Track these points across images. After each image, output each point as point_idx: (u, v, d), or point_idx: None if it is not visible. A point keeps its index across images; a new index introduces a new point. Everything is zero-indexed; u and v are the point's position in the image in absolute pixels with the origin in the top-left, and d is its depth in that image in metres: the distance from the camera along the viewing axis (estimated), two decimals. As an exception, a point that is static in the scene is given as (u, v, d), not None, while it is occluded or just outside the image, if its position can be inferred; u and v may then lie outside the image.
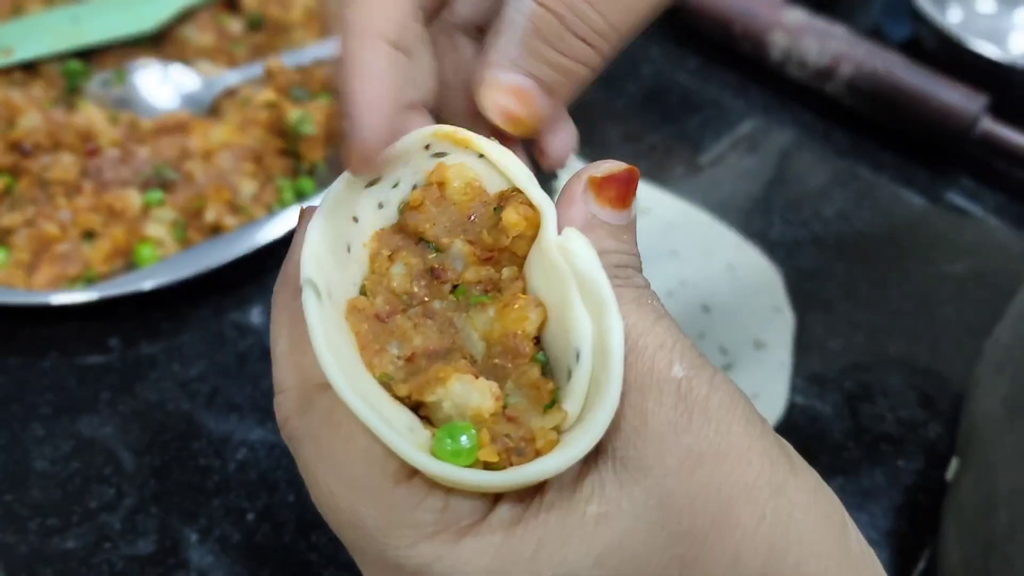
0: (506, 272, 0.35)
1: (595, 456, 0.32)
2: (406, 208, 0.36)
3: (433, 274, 0.35)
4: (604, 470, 0.31)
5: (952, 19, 0.92)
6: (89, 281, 0.68)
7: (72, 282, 0.68)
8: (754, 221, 0.78)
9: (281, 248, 0.70)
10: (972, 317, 0.72)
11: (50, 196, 0.70)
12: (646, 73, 0.89)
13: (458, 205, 0.36)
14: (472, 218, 0.35)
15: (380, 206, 0.36)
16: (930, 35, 0.85)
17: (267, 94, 0.77)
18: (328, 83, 0.79)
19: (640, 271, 0.36)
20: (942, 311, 0.73)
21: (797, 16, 0.84)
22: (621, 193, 0.35)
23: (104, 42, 0.79)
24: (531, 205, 0.35)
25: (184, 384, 0.66)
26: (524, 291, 0.34)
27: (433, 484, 0.31)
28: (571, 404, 0.32)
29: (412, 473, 0.31)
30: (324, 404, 0.32)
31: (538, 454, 0.31)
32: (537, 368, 0.33)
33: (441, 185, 0.36)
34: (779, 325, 0.70)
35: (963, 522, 0.55)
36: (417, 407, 0.33)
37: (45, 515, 0.60)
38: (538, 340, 0.34)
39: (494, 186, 0.36)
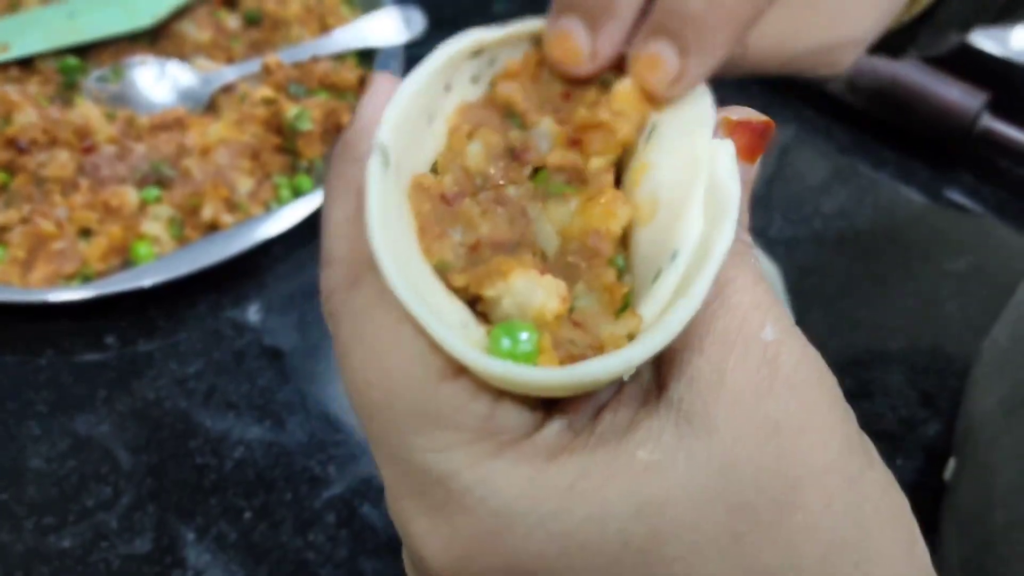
0: (595, 162, 0.32)
1: (656, 403, 0.29)
2: (499, 77, 0.33)
3: (513, 154, 0.32)
4: (665, 418, 0.29)
5: (953, 15, 0.91)
6: (86, 279, 0.68)
7: (68, 280, 0.67)
8: (754, 218, 0.77)
9: (279, 246, 0.71)
10: (973, 314, 0.72)
11: (46, 193, 0.70)
12: (645, 69, 0.89)
13: (554, 83, 0.33)
14: (567, 95, 0.33)
15: (474, 79, 0.33)
16: (931, 31, 0.84)
17: (264, 90, 0.76)
18: (325, 79, 0.79)
19: (747, 231, 0.33)
20: (943, 308, 0.72)
21: (797, 12, 0.84)
22: (751, 143, 0.33)
23: (101, 38, 0.79)
24: (642, 94, 0.32)
25: (181, 382, 0.66)
26: (612, 186, 0.31)
27: (480, 388, 0.28)
28: (649, 309, 0.29)
29: (459, 372, 0.28)
30: (374, 284, 0.29)
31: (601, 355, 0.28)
32: (613, 271, 0.30)
33: (539, 64, 0.33)
34: (779, 323, 0.70)
35: (961, 521, 0.55)
36: (474, 302, 0.30)
37: (41, 513, 0.60)
38: (622, 244, 0.32)
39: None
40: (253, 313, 0.70)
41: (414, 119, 0.31)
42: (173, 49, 0.80)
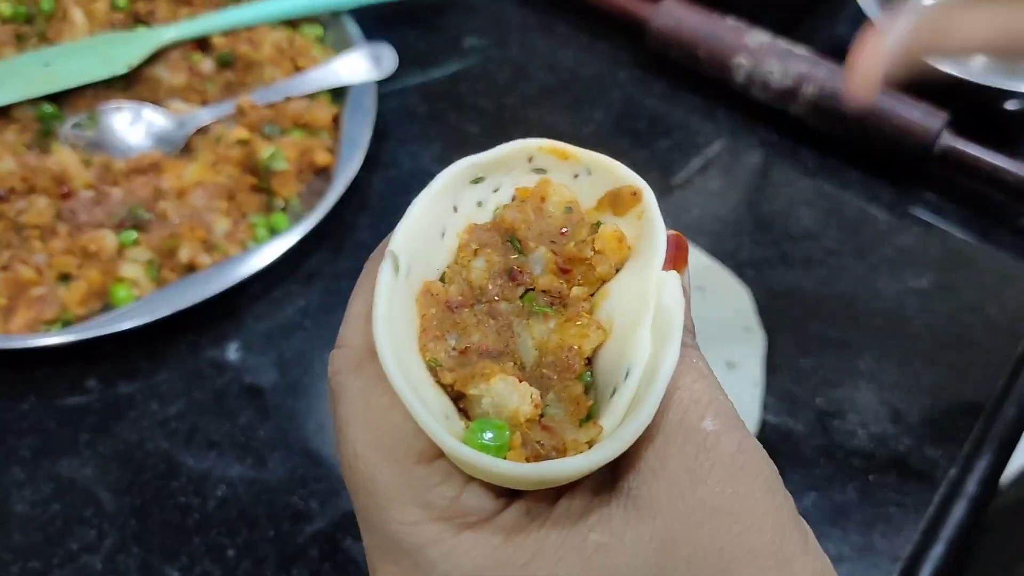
0: (576, 291, 0.36)
1: (609, 491, 0.32)
2: (507, 206, 0.38)
3: (511, 275, 0.36)
4: (615, 505, 0.32)
5: (913, 36, 0.93)
6: (66, 323, 0.68)
7: (49, 325, 0.68)
8: (724, 242, 0.79)
9: (256, 284, 0.72)
10: (939, 331, 0.73)
11: (25, 240, 0.71)
12: (614, 98, 0.90)
13: (553, 218, 0.37)
14: (563, 231, 0.37)
15: (479, 204, 0.38)
16: (891, 54, 0.86)
17: (239, 131, 0.78)
18: (299, 118, 0.80)
19: (692, 333, 0.37)
20: (910, 326, 0.74)
21: (760, 38, 0.86)
22: (673, 256, 0.36)
23: (76, 85, 0.80)
24: (621, 238, 0.37)
25: (162, 423, 0.67)
26: (589, 312, 0.36)
27: (452, 472, 0.32)
28: (608, 421, 0.33)
29: (435, 457, 0.32)
30: (374, 370, 0.33)
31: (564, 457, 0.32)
32: (581, 385, 0.34)
33: (542, 199, 0.38)
34: (750, 344, 0.71)
35: None
36: (458, 399, 0.34)
37: (27, 558, 0.61)
38: (587, 363, 0.35)
39: (589, 206, 0.38)
40: (232, 352, 0.71)
41: (426, 232, 0.36)
42: (148, 93, 0.81)
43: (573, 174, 0.38)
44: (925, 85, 0.82)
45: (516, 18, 0.96)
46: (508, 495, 0.33)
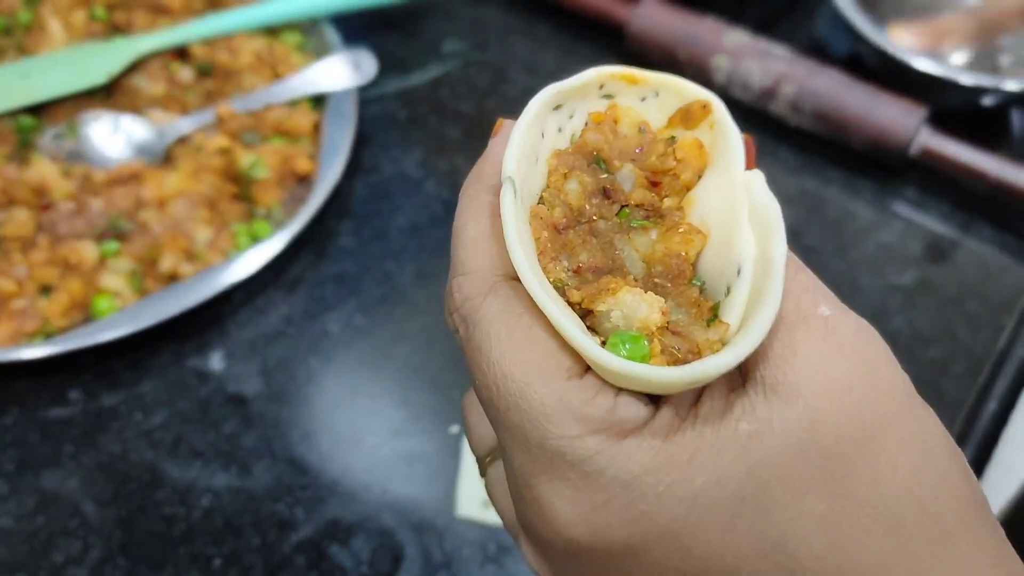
0: (667, 201, 0.37)
1: (743, 383, 0.34)
2: (585, 129, 0.39)
3: (605, 193, 0.37)
4: (754, 394, 0.33)
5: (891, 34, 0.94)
6: (48, 335, 0.68)
7: (31, 337, 0.68)
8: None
9: (239, 293, 0.71)
10: (922, 327, 0.74)
11: (5, 252, 0.71)
12: (595, 101, 0.90)
13: (628, 139, 0.39)
14: (639, 150, 0.38)
15: (559, 130, 0.39)
16: (869, 52, 0.86)
17: (219, 140, 0.77)
18: (279, 126, 0.80)
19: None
20: (892, 322, 0.74)
21: (738, 38, 0.86)
22: (749, 158, 0.38)
23: (55, 97, 0.80)
24: (700, 145, 0.38)
25: (146, 433, 0.67)
26: (684, 219, 0.37)
27: (602, 386, 0.33)
28: (731, 317, 0.34)
29: (584, 372, 0.33)
30: (508, 292, 0.35)
31: (709, 356, 0.33)
32: (696, 288, 0.35)
33: (615, 121, 0.39)
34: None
35: None
36: (583, 318, 0.35)
37: (12, 572, 0.60)
38: (693, 268, 0.36)
39: (659, 125, 0.40)
40: (216, 361, 0.71)
41: (526, 157, 0.37)
42: (127, 103, 0.81)
43: (640, 97, 0.39)
44: (901, 83, 0.82)
45: (495, 22, 0.96)
46: (654, 402, 0.34)
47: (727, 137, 0.37)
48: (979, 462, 0.66)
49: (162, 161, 0.78)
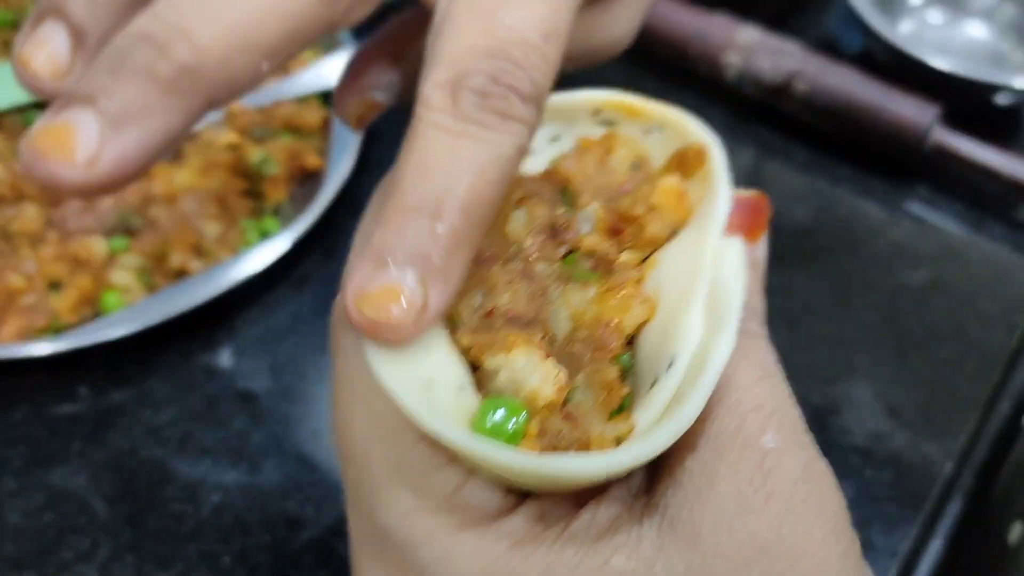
0: (625, 255, 0.32)
1: (642, 507, 0.28)
2: (565, 155, 0.34)
3: (553, 231, 0.32)
4: (647, 525, 0.27)
5: (903, 31, 0.93)
6: (56, 332, 0.68)
7: (39, 333, 0.68)
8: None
9: (247, 290, 0.71)
10: (934, 325, 0.73)
11: (14, 248, 0.70)
12: (605, 97, 0.90)
13: (616, 174, 0.33)
14: (624, 189, 0.33)
15: (532, 153, 0.34)
16: (880, 48, 0.86)
17: (228, 136, 0.77)
18: (289, 122, 0.80)
19: (761, 319, 0.32)
20: (904, 321, 0.74)
21: (750, 35, 0.86)
22: (747, 222, 0.32)
23: (64, 91, 0.79)
24: (681, 195, 0.32)
25: (155, 430, 0.66)
26: (637, 283, 0.31)
27: (456, 458, 0.28)
28: (642, 417, 0.28)
29: None
30: None
31: (582, 453, 0.28)
32: (616, 369, 0.29)
33: (607, 151, 0.34)
34: (745, 342, 0.71)
35: None
36: (474, 367, 0.30)
37: (20, 569, 0.60)
38: (630, 343, 0.31)
39: (659, 165, 0.34)
40: (225, 357, 0.71)
41: None
42: (136, 99, 0.81)
43: (645, 130, 0.34)
44: (914, 79, 0.82)
45: (505, 18, 0.96)
46: (521, 494, 0.28)
47: (713, 192, 0.32)
48: (993, 462, 0.66)
49: (171, 157, 0.78)
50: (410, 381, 0.27)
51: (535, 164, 0.35)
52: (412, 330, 0.27)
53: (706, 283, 0.29)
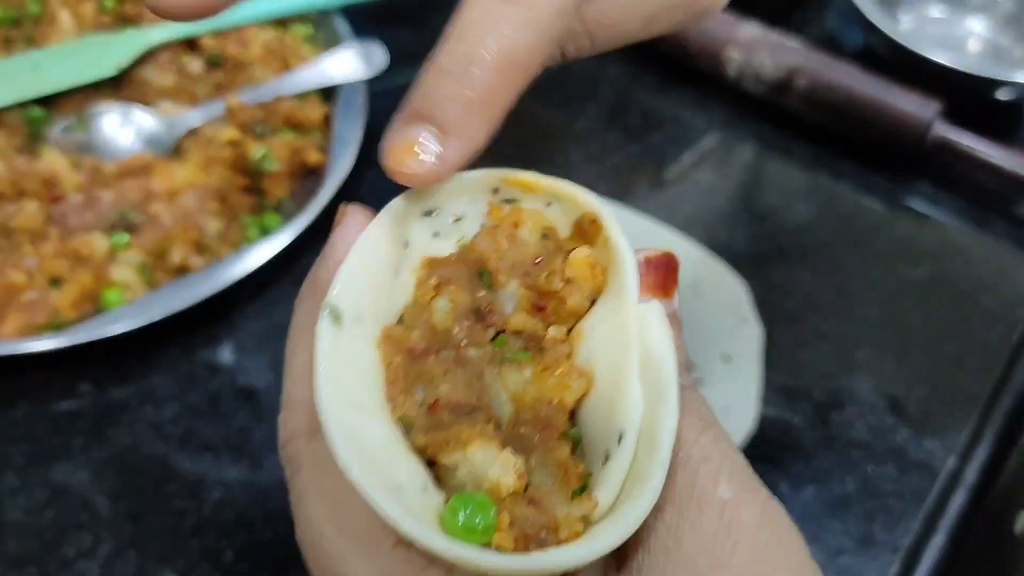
0: (552, 331, 0.32)
1: (615, 573, 0.29)
2: (478, 235, 0.34)
3: (478, 315, 0.32)
4: None
5: (904, 26, 0.93)
6: (57, 328, 0.68)
7: (41, 330, 0.68)
8: (718, 235, 0.78)
9: (248, 286, 0.71)
10: (936, 321, 0.73)
11: (15, 244, 0.70)
12: (605, 93, 0.90)
13: (528, 247, 0.33)
14: (538, 261, 0.33)
15: (436, 235, 0.35)
16: (881, 44, 0.86)
17: (229, 132, 0.77)
18: (290, 118, 0.80)
19: (686, 369, 0.32)
20: (906, 317, 0.74)
21: (751, 31, 0.86)
22: (659, 280, 0.32)
23: (65, 88, 0.79)
24: (594, 264, 0.32)
25: (157, 426, 0.66)
26: (569, 356, 0.32)
27: (434, 558, 0.28)
28: (604, 493, 0.29)
29: None
30: None
31: (560, 546, 0.28)
32: (567, 446, 0.30)
33: (515, 225, 0.34)
34: (747, 338, 0.71)
35: None
36: (430, 462, 0.30)
37: (22, 566, 0.60)
38: (572, 414, 0.31)
39: (566, 235, 0.34)
40: (226, 354, 0.70)
41: (376, 273, 0.32)
42: (137, 95, 0.81)
43: (546, 202, 0.34)
44: (915, 75, 0.82)
45: (506, 14, 0.95)
46: None
47: (619, 258, 0.32)
48: (996, 458, 0.66)
49: (172, 153, 0.78)
50: (383, 487, 0.27)
51: (444, 247, 0.35)
52: (426, 179, 0.31)
53: (636, 352, 0.30)
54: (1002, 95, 0.83)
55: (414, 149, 0.31)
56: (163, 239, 0.71)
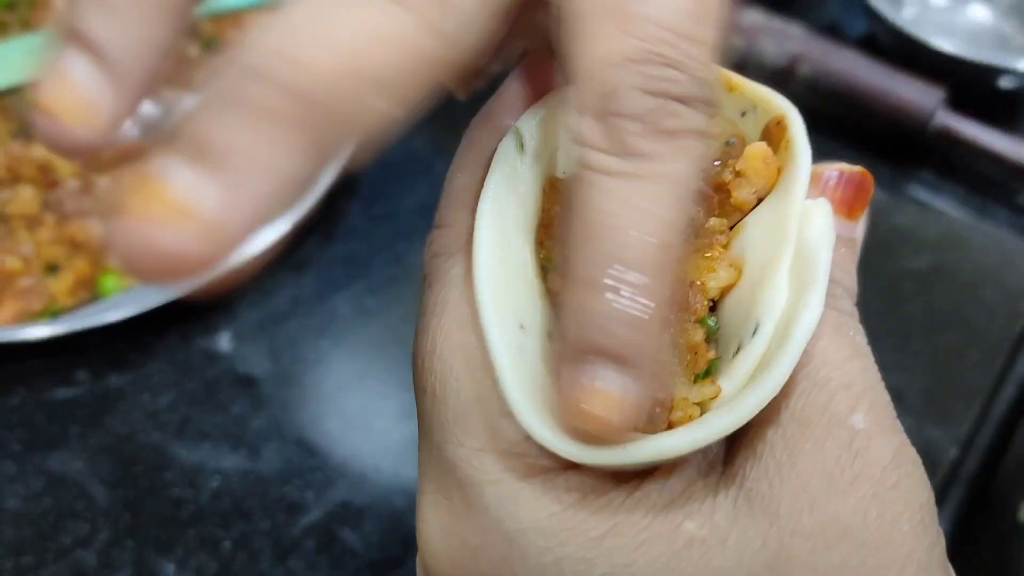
0: (713, 221, 0.31)
1: (718, 475, 0.27)
2: None
3: None
4: (723, 494, 0.26)
5: (907, 14, 0.92)
6: (54, 315, 0.67)
7: (37, 317, 0.67)
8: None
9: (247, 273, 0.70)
10: (937, 311, 0.73)
11: (11, 230, 0.70)
12: (607, 80, 0.89)
13: (712, 151, 0.32)
14: (716, 163, 0.32)
15: None
16: (884, 31, 0.85)
17: (227, 118, 0.76)
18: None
19: (852, 298, 0.30)
20: (908, 307, 0.73)
21: (753, 17, 0.85)
22: (849, 198, 0.30)
23: (60, 72, 0.79)
24: (767, 158, 0.31)
25: (154, 414, 0.66)
26: (725, 247, 0.30)
27: None
28: (728, 383, 0.27)
29: None
30: None
31: (670, 427, 0.26)
32: (702, 332, 0.28)
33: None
34: (747, 327, 0.71)
35: None
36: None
37: (19, 554, 0.60)
38: (713, 309, 0.30)
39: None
40: (224, 342, 0.70)
41: (556, 124, 0.31)
42: (134, 80, 0.80)
43: (741, 111, 0.33)
44: (918, 63, 0.81)
45: None
46: None
47: (794, 157, 0.31)
48: (997, 448, 0.66)
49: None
50: (509, 326, 0.27)
51: None
52: (621, 432, 0.25)
53: (791, 247, 0.28)
54: (1005, 83, 0.83)
55: (602, 400, 0.24)
56: (160, 226, 0.70)
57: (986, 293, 0.74)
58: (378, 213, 0.78)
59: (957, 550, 0.61)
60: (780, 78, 0.84)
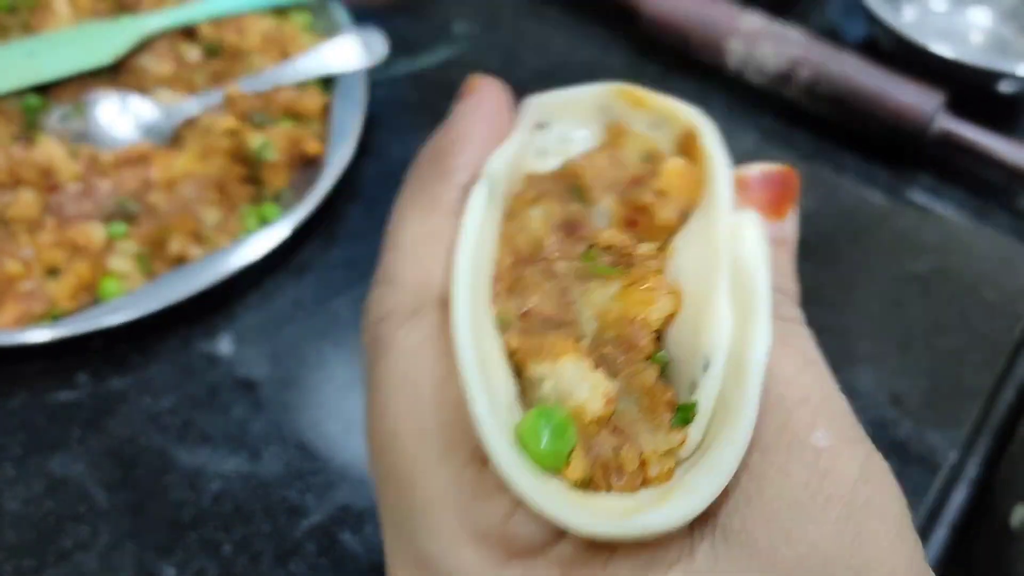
0: (643, 247, 0.30)
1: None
2: (581, 155, 0.32)
3: (570, 227, 0.30)
4: (698, 535, 0.25)
5: (907, 18, 0.92)
6: (55, 318, 0.67)
7: (37, 320, 0.67)
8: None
9: (247, 278, 0.71)
10: (937, 315, 0.73)
11: (12, 234, 0.70)
12: (607, 84, 0.89)
13: (628, 168, 0.32)
14: (636, 181, 0.31)
15: (540, 154, 0.33)
16: (884, 35, 0.85)
17: (228, 121, 0.76)
18: (289, 107, 0.79)
19: (795, 301, 0.29)
20: (908, 310, 0.73)
21: (753, 21, 0.85)
22: (774, 197, 0.29)
23: (61, 76, 0.79)
24: (686, 174, 0.30)
25: (155, 417, 0.66)
26: (658, 273, 0.29)
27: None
28: (690, 428, 0.26)
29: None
30: (434, 323, 0.26)
31: (645, 484, 0.26)
32: (655, 370, 0.27)
33: (617, 146, 0.32)
34: (748, 331, 0.71)
35: None
36: (518, 372, 0.28)
37: (20, 557, 0.60)
38: (659, 339, 0.29)
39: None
40: (225, 345, 0.70)
41: (519, 169, 0.31)
42: (134, 83, 0.80)
43: (653, 124, 0.33)
44: (918, 67, 0.81)
45: (506, 3, 0.95)
46: None
47: (711, 168, 0.30)
48: (997, 451, 0.66)
49: (170, 142, 0.77)
50: (498, 403, 0.25)
51: (546, 165, 0.33)
52: None
53: (726, 266, 0.27)
54: (1005, 87, 0.83)
55: None
56: (161, 229, 0.70)
57: (987, 296, 0.74)
58: (379, 217, 0.77)
59: (956, 554, 0.61)
60: (780, 82, 0.84)
